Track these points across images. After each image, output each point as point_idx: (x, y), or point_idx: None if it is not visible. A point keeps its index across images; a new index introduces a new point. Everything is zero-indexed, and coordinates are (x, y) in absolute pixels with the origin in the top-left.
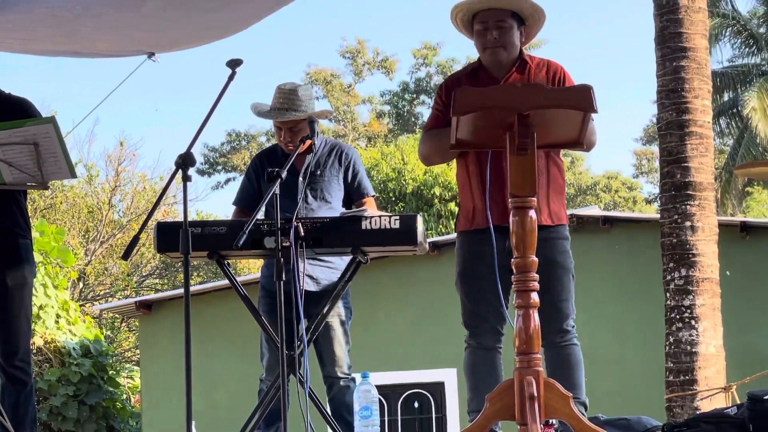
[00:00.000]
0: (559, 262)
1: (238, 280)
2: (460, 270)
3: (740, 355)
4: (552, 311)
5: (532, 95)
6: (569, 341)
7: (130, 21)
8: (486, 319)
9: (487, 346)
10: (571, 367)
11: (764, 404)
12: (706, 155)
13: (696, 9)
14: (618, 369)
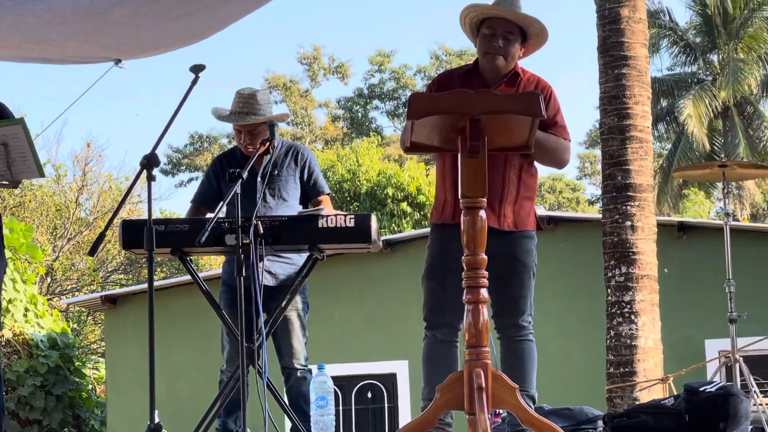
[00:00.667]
0: (521, 260)
1: (200, 275)
2: (428, 265)
3: (677, 349)
4: (510, 306)
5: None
6: (524, 336)
7: (98, 28)
8: (445, 314)
9: (444, 339)
10: (523, 360)
11: (700, 395)
12: (646, 158)
13: (637, 20)
14: (562, 361)
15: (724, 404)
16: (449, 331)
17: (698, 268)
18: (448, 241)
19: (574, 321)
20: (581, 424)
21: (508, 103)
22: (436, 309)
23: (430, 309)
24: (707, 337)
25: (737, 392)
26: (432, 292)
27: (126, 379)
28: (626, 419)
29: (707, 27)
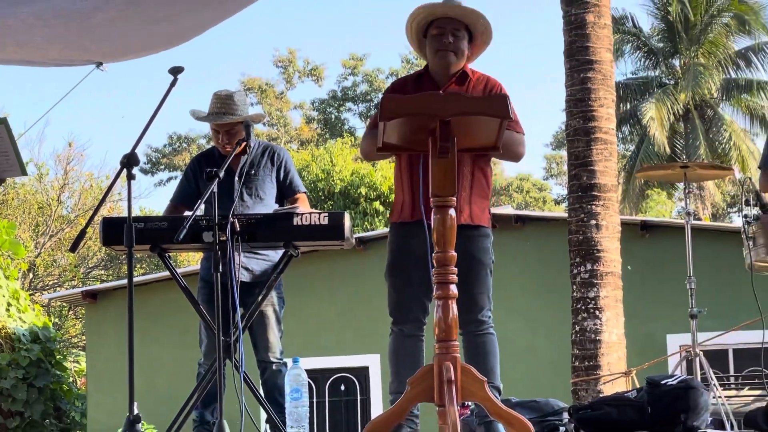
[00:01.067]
0: (478, 258)
1: (178, 271)
2: (389, 262)
3: (639, 343)
4: (469, 303)
5: (453, 103)
6: (485, 330)
7: (80, 32)
8: (410, 309)
9: (410, 334)
10: (486, 354)
11: (661, 388)
12: (610, 159)
13: (602, 25)
14: (528, 355)
15: (684, 397)
16: (415, 326)
17: (660, 266)
18: (408, 238)
19: (540, 317)
20: (547, 416)
21: (477, 105)
22: (401, 304)
23: (395, 305)
24: (669, 332)
25: (697, 385)
26: (396, 288)
27: (106, 372)
28: (591, 411)
29: (669, 33)
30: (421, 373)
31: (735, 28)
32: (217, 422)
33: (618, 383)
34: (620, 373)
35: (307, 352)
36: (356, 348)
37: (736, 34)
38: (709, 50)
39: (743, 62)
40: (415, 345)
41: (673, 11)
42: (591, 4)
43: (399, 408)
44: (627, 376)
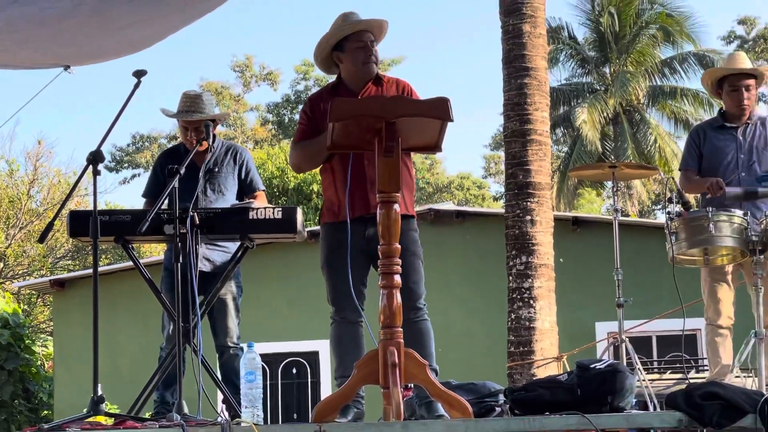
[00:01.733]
0: (412, 250)
1: (141, 262)
2: (325, 256)
3: (570, 330)
4: (406, 292)
5: (398, 105)
6: (421, 317)
7: (49, 37)
8: (347, 297)
9: (351, 321)
10: (423, 339)
11: (590, 372)
12: (544, 159)
13: (537, 35)
14: (467, 341)
15: (611, 380)
16: (354, 313)
17: (590, 259)
18: (342, 233)
19: (478, 305)
20: (484, 398)
21: (421, 108)
22: (340, 294)
23: (334, 295)
24: (597, 319)
25: (623, 369)
26: (334, 280)
27: (72, 356)
28: (525, 393)
29: (600, 42)
30: (367, 357)
31: (661, 39)
32: (177, 402)
33: (550, 367)
34: (552, 358)
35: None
36: (307, 334)
37: (662, 45)
38: (637, 59)
39: (668, 70)
40: (356, 331)
41: (605, 22)
42: (527, 15)
43: (346, 390)
44: (559, 360)
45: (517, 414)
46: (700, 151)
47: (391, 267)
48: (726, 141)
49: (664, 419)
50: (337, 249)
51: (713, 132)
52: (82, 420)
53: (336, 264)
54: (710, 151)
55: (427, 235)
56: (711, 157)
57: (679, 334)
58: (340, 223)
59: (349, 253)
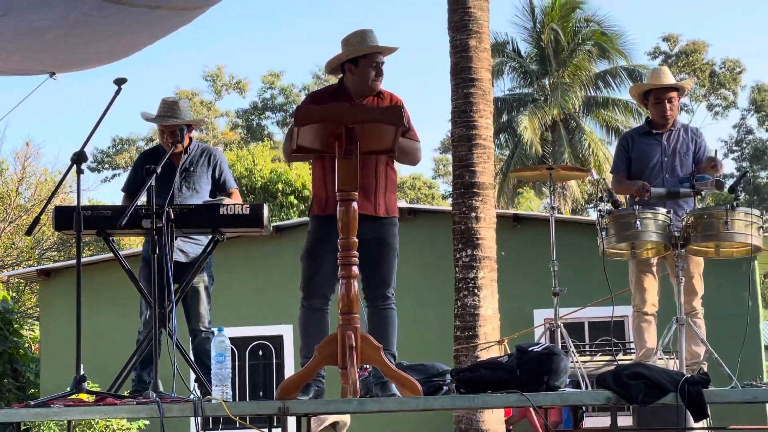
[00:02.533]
0: (389, 243)
1: (121, 253)
2: (308, 247)
3: (511, 316)
4: (378, 281)
5: (356, 113)
6: (389, 305)
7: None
8: (319, 287)
9: (317, 308)
10: (388, 325)
11: (528, 354)
12: (488, 162)
13: (482, 49)
14: (419, 326)
15: (547, 361)
16: (322, 301)
17: (529, 252)
18: (328, 230)
19: (429, 294)
20: (433, 377)
21: (376, 115)
22: (313, 283)
23: (307, 283)
24: (535, 307)
25: (558, 352)
26: (310, 269)
27: (57, 339)
28: (469, 373)
29: (541, 57)
30: (326, 340)
31: (596, 54)
32: (153, 381)
33: (492, 350)
34: (494, 342)
35: (230, 322)
36: (272, 319)
37: (597, 59)
38: (574, 72)
39: (602, 83)
40: (322, 317)
41: (545, 38)
42: (473, 31)
43: (308, 370)
44: (500, 344)
45: (462, 392)
46: (629, 156)
47: (349, 259)
48: (652, 146)
49: (595, 397)
50: (320, 242)
51: (640, 138)
52: (65, 397)
53: (316, 256)
54: (638, 155)
55: None
56: (638, 161)
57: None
58: (325, 218)
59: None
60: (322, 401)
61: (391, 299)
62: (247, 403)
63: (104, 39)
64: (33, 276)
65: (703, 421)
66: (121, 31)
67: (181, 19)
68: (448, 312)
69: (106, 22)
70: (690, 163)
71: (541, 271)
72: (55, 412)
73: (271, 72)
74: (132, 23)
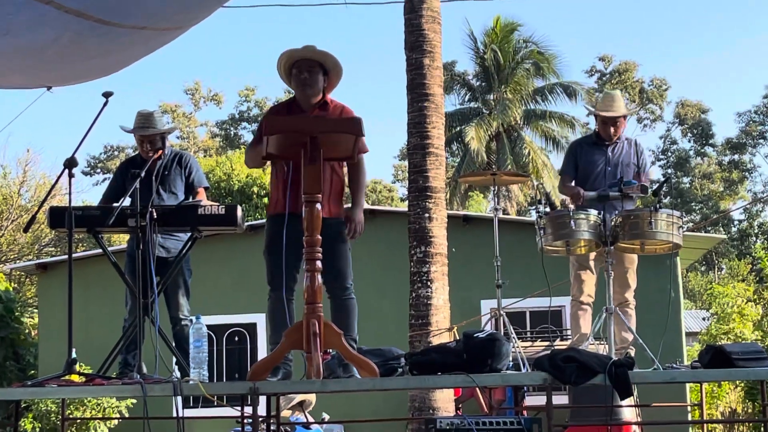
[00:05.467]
0: (341, 240)
1: (109, 249)
2: (267, 243)
3: (460, 306)
4: (336, 274)
5: (320, 124)
6: (348, 295)
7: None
8: (282, 279)
9: (282, 298)
10: (348, 313)
11: (474, 340)
12: (440, 168)
13: (435, 67)
14: (377, 315)
15: (491, 346)
16: (288, 292)
17: (476, 248)
18: (280, 226)
19: (387, 286)
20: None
21: (338, 125)
22: (277, 275)
23: (272, 275)
24: (482, 298)
25: (501, 338)
26: (273, 263)
27: (53, 326)
28: (422, 356)
29: (485, 74)
30: (293, 327)
31: (534, 72)
32: (137, 364)
33: (443, 336)
34: (445, 329)
35: (208, 310)
36: (247, 308)
37: (535, 77)
38: (515, 88)
39: (540, 97)
40: (288, 306)
41: (488, 58)
42: (427, 51)
43: (276, 354)
44: (450, 331)
45: (415, 374)
46: (576, 162)
47: (313, 254)
48: (597, 156)
49: (533, 378)
50: (276, 238)
51: (588, 147)
52: (59, 378)
53: (274, 251)
54: (584, 163)
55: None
56: (584, 168)
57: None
58: (279, 216)
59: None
60: (289, 382)
61: (350, 290)
62: (222, 384)
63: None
64: (32, 269)
65: (629, 399)
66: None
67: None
68: (404, 302)
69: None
70: (631, 174)
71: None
72: (50, 391)
73: (247, 87)
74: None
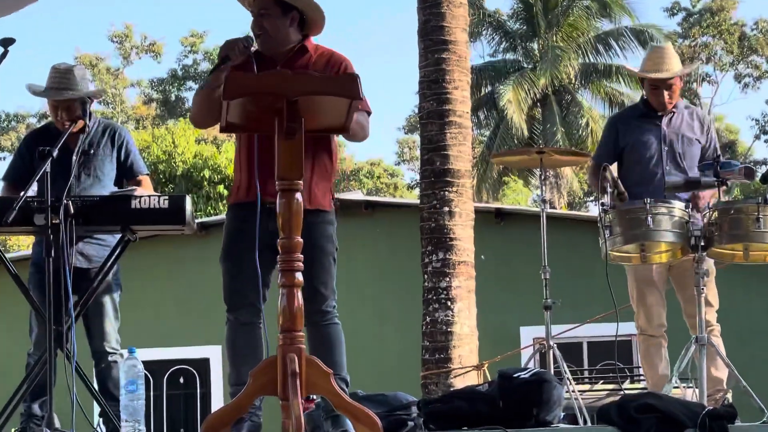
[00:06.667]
0: (320, 246)
1: (7, 256)
2: (224, 246)
3: (492, 335)
4: (312, 292)
5: (301, 82)
6: (330, 320)
7: None
8: (245, 296)
9: (246, 321)
10: (332, 345)
11: (513, 382)
12: (465, 144)
13: (457, 4)
14: (377, 346)
15: (537, 390)
16: (251, 312)
17: (514, 255)
18: (243, 221)
19: (390, 306)
20: (395, 410)
21: (326, 85)
22: (236, 291)
23: (229, 291)
24: (522, 323)
25: (550, 378)
26: (230, 274)
27: None
28: (441, 405)
29: (528, 14)
30: (263, 365)
31: (596, 12)
32: (47, 416)
33: (469, 377)
34: (472, 366)
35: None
36: (196, 339)
37: (597, 18)
38: (569, 34)
39: (603, 47)
40: (252, 333)
41: None
42: None
43: (240, 402)
44: (479, 369)
45: (431, 428)
46: (619, 143)
47: (291, 264)
48: (649, 132)
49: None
50: (236, 240)
51: (635, 121)
52: None
53: (232, 257)
54: (631, 142)
55: None
56: (632, 149)
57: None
58: (241, 206)
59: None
60: None
61: (332, 313)
62: None
63: None
64: None
65: None
66: None
67: None
68: (413, 329)
69: None
70: (695, 154)
71: (529, 279)
72: None
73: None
74: None
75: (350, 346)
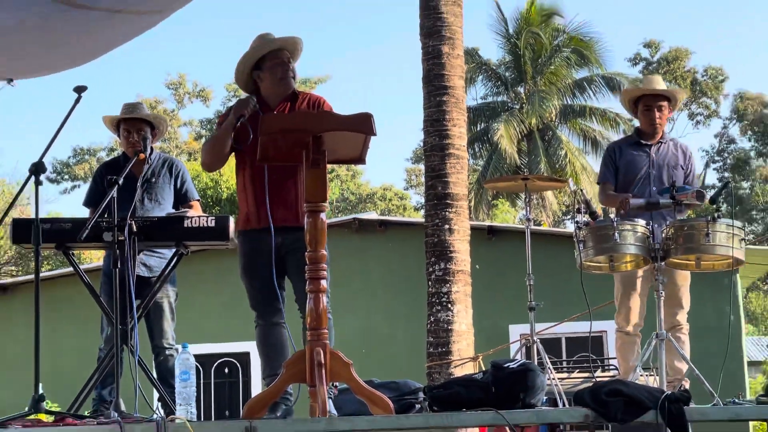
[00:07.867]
0: None
1: (81, 267)
2: (243, 264)
3: (486, 332)
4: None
5: (324, 121)
6: None
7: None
8: (269, 302)
9: (273, 323)
10: None
11: (504, 371)
12: (462, 172)
13: (455, 56)
14: (390, 343)
15: (523, 378)
16: (275, 315)
17: (504, 265)
18: (256, 242)
19: (400, 309)
20: (405, 395)
21: (345, 123)
22: (260, 299)
23: (255, 300)
24: (511, 322)
25: (534, 368)
26: (253, 286)
27: (14, 357)
28: (443, 390)
29: (516, 63)
30: (295, 357)
31: (574, 61)
32: (114, 400)
33: (467, 367)
34: (469, 358)
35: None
36: (239, 336)
37: (574, 67)
38: (551, 79)
39: (578, 91)
40: (279, 332)
41: (522, 44)
42: (446, 37)
43: (275, 388)
44: (474, 360)
45: (435, 410)
46: (616, 166)
47: (317, 272)
48: (639, 157)
49: (572, 415)
50: (251, 258)
51: (628, 148)
52: (23, 417)
53: (252, 273)
54: (625, 165)
55: (351, 243)
56: (626, 171)
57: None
58: (249, 232)
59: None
60: (290, 420)
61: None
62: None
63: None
64: None
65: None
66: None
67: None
68: (420, 328)
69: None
70: (680, 178)
71: (516, 285)
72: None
73: None
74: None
75: (367, 343)
